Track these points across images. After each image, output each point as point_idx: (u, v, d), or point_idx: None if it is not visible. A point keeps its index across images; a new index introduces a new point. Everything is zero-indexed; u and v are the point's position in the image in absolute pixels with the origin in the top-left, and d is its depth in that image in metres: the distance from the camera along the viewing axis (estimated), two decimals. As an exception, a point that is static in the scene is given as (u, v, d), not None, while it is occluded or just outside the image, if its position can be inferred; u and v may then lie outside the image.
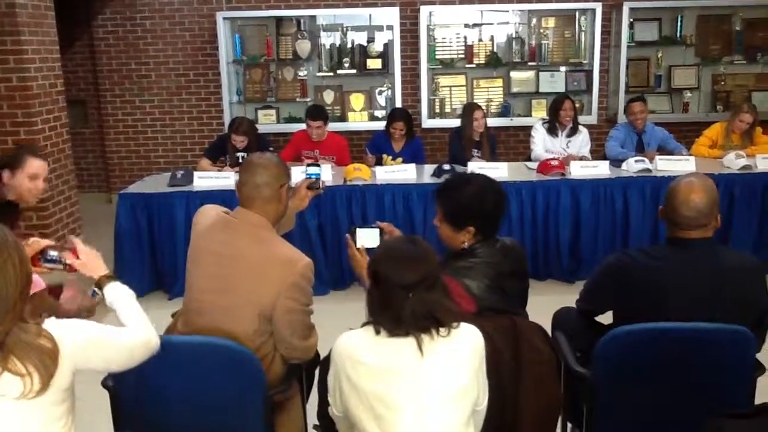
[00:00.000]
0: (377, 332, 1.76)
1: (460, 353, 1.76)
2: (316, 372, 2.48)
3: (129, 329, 1.81)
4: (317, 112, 5.39)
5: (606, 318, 2.45)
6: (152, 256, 4.73)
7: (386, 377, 1.73)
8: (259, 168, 2.29)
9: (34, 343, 1.53)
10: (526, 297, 2.40)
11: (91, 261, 2.06)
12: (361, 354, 1.76)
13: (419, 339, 1.72)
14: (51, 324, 1.61)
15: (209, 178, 4.81)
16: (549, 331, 2.54)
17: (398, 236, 2.37)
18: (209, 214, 2.38)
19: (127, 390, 2.15)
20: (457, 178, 2.48)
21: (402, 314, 1.72)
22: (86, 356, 1.63)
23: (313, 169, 2.96)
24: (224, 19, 6.68)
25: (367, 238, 2.48)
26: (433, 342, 1.74)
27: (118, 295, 1.96)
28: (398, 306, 1.73)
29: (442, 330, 1.75)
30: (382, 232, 2.49)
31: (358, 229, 2.50)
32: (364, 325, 1.82)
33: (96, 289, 2.07)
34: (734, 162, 4.93)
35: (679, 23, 6.95)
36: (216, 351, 2.07)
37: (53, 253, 2.09)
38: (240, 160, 4.97)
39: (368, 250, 2.46)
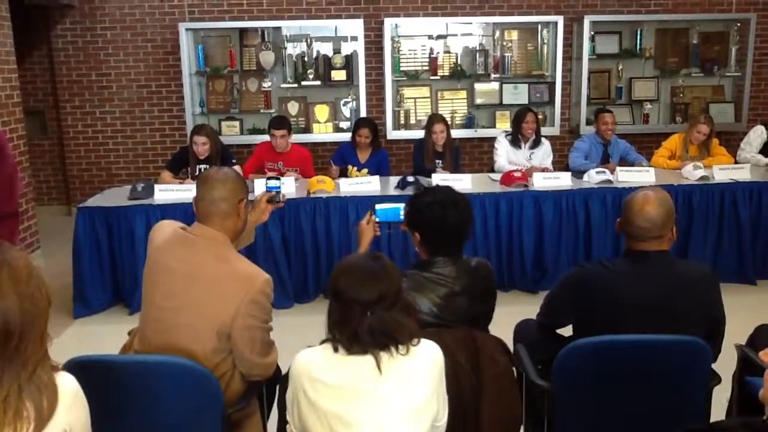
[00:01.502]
0: (335, 350, 1.75)
1: (419, 370, 1.75)
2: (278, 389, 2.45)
3: None
4: (280, 121, 5.36)
5: (566, 330, 2.47)
6: (112, 271, 4.63)
7: (345, 395, 1.71)
8: (216, 183, 2.26)
9: (44, 388, 1.37)
10: (488, 317, 2.37)
11: None
12: (320, 372, 1.74)
13: (377, 357, 1.71)
14: (67, 379, 1.45)
15: (170, 191, 4.73)
16: (511, 342, 2.56)
17: (362, 253, 2.37)
18: (166, 230, 2.33)
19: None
20: (433, 188, 2.53)
21: (359, 331, 1.71)
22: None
23: (273, 182, 2.95)
24: (187, 30, 6.61)
25: (386, 214, 2.63)
26: (392, 360, 1.72)
27: None
28: (356, 323, 1.72)
29: (400, 348, 1.73)
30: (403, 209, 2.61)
31: (377, 206, 2.64)
32: (322, 342, 1.81)
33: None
34: (692, 173, 5.02)
35: (638, 36, 7.09)
36: (172, 370, 2.03)
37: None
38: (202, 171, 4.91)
39: (386, 225, 2.65)
